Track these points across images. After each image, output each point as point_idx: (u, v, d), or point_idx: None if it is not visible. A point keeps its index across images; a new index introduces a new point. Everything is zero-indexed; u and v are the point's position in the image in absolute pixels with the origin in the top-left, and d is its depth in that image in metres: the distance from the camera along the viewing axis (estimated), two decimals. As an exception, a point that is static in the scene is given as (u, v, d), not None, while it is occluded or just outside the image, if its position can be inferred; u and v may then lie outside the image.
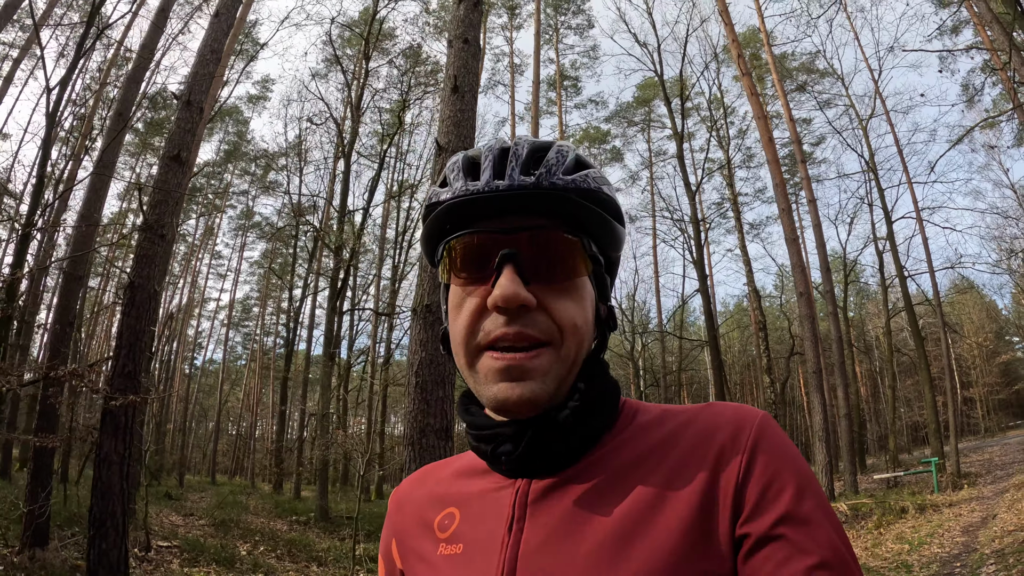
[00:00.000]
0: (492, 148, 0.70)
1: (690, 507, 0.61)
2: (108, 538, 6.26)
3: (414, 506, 0.79)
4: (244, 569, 9.81)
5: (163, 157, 7.93)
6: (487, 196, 0.66)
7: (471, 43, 6.44)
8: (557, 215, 0.67)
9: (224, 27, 9.03)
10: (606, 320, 0.74)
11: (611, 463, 0.67)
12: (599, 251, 0.71)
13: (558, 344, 0.66)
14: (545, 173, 0.66)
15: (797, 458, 0.64)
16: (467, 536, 0.70)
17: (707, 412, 0.68)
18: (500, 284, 0.64)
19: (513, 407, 0.65)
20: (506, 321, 0.65)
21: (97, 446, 6.70)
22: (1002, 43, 12.16)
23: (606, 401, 0.71)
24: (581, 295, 0.68)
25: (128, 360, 6.91)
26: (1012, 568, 6.56)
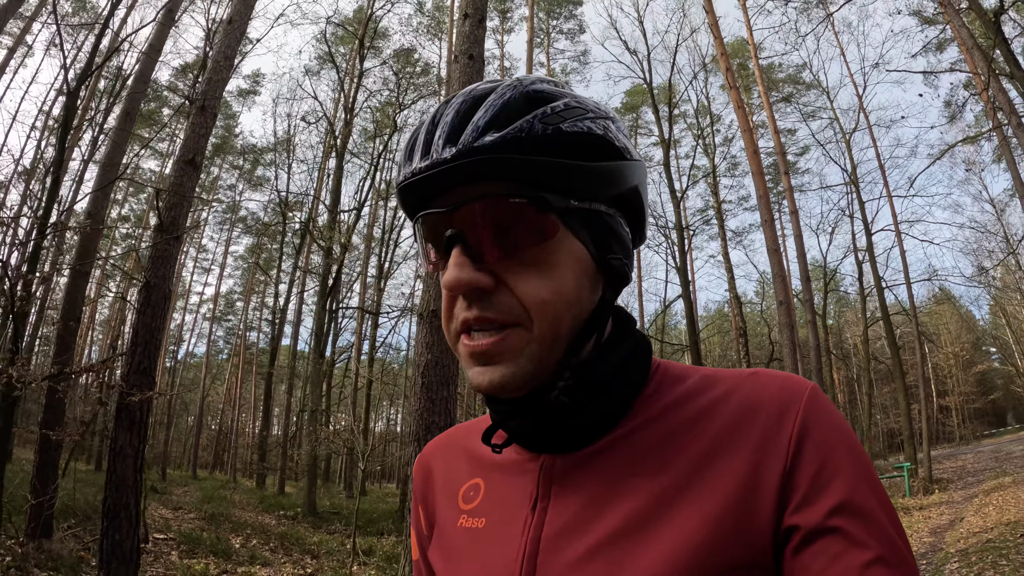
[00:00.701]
0: (429, 115, 0.65)
1: (726, 492, 0.57)
2: (121, 529, 6.42)
3: (439, 472, 0.79)
4: (241, 560, 10.17)
5: (178, 161, 8.19)
6: (414, 181, 0.61)
7: (476, 59, 6.64)
8: (498, 178, 0.60)
9: (237, 34, 9.34)
10: (610, 275, 0.66)
11: (642, 437, 0.63)
12: (580, 199, 0.62)
13: (527, 324, 0.60)
14: (469, 137, 0.59)
15: (851, 439, 0.59)
16: (490, 511, 0.69)
17: (751, 381, 0.63)
18: (447, 269, 0.60)
19: (487, 392, 0.62)
20: (466, 306, 0.61)
21: (112, 440, 6.88)
22: (982, 68, 12.78)
23: (622, 371, 0.65)
24: (551, 262, 0.61)
25: (144, 357, 7.15)
26: (973, 566, 7.13)
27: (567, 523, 0.61)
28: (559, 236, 0.61)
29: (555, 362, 0.62)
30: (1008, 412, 55.32)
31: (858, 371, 39.15)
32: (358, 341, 26.98)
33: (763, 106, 22.42)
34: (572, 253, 0.62)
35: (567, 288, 0.61)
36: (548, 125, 0.59)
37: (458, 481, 0.74)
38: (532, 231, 0.60)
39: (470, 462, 0.75)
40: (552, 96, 0.62)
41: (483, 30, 7.23)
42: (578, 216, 0.63)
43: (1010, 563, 6.98)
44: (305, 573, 9.86)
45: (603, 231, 0.65)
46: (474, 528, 0.68)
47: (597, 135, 0.62)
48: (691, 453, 0.60)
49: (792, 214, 18.82)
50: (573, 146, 0.60)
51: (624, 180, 0.65)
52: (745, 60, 24.95)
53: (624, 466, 0.62)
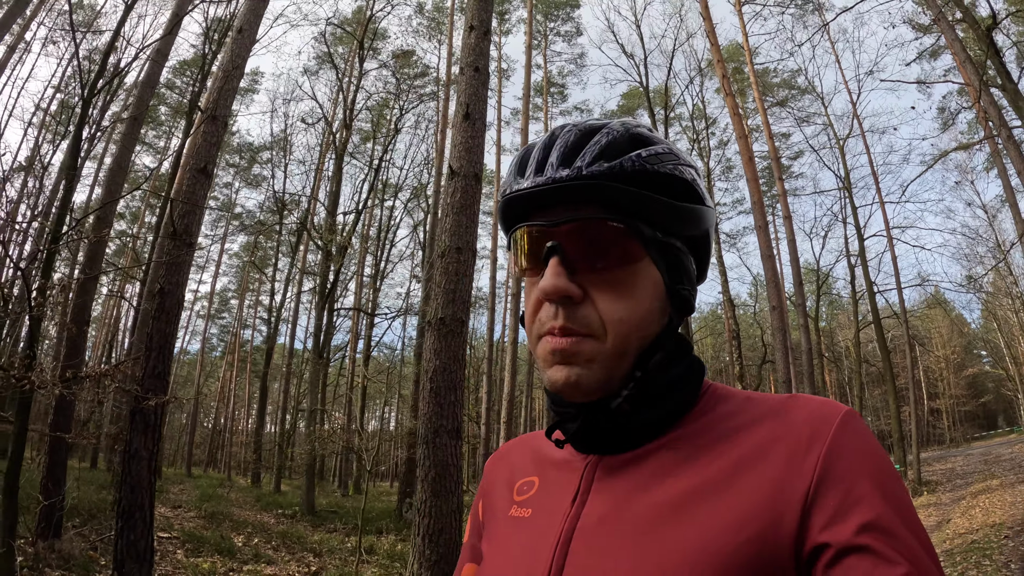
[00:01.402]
0: (541, 141, 0.73)
1: (752, 501, 0.60)
2: (136, 529, 6.50)
3: (505, 468, 0.85)
4: (245, 559, 10.33)
5: (191, 169, 8.36)
6: (527, 193, 0.69)
7: (481, 71, 6.89)
8: (601, 203, 0.68)
9: (247, 43, 9.53)
10: (678, 303, 0.73)
11: (683, 446, 0.68)
12: (663, 233, 0.71)
13: (601, 336, 0.66)
14: (584, 160, 0.67)
15: (882, 460, 0.62)
16: (538, 503, 0.74)
17: (789, 404, 0.67)
18: (544, 276, 0.67)
19: (562, 389, 0.67)
20: (554, 313, 0.67)
21: (127, 442, 6.97)
22: (974, 79, 13.13)
23: (676, 387, 0.71)
24: (632, 284, 0.68)
25: (158, 361, 7.34)
26: (957, 565, 7.49)
27: (602, 515, 0.66)
28: (643, 262, 0.69)
29: (621, 375, 0.68)
30: (999, 415, 56.07)
31: (849, 373, 39.58)
32: (353, 340, 27.25)
33: (757, 110, 22.82)
34: (650, 279, 0.69)
35: (642, 310, 0.68)
36: (648, 164, 0.68)
37: (518, 476, 0.81)
38: (622, 254, 0.68)
39: (532, 460, 0.81)
40: (652, 140, 0.71)
41: (488, 42, 7.30)
42: (659, 247, 0.70)
43: (992, 563, 7.34)
44: (310, 571, 10.05)
45: (677, 264, 0.72)
46: (521, 517, 0.74)
47: (686, 180, 0.71)
48: (725, 462, 0.64)
49: (786, 219, 19.20)
50: (665, 186, 0.69)
51: (700, 223, 0.73)
52: (740, 64, 25.30)
53: (661, 468, 0.67)
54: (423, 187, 25.06)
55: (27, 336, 6.67)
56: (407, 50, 24.51)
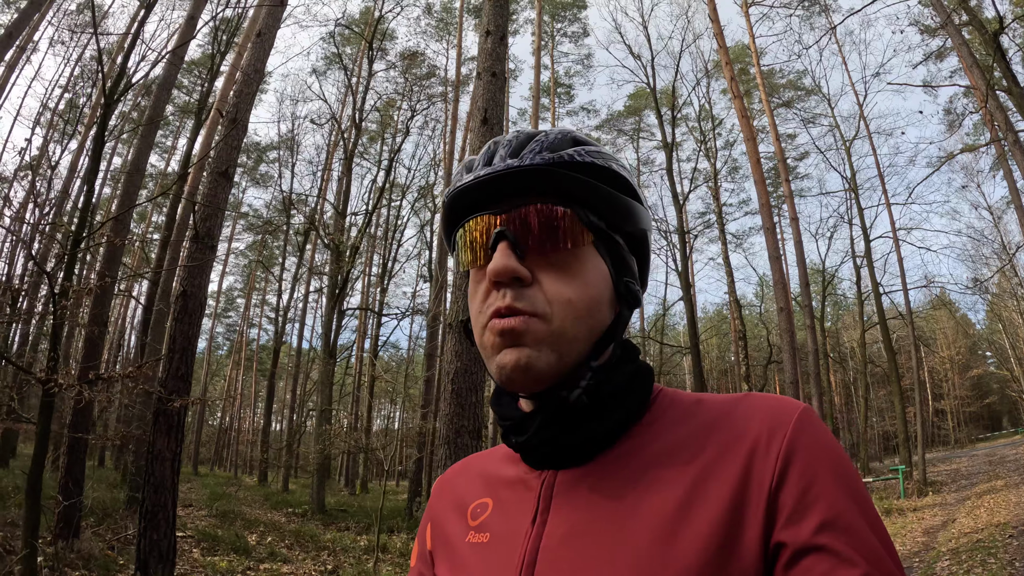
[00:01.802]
0: (488, 144, 0.75)
1: (716, 509, 0.59)
2: (159, 529, 6.71)
3: (453, 493, 0.83)
4: (261, 557, 10.44)
5: (212, 172, 8.53)
6: (475, 183, 0.71)
7: (499, 76, 6.88)
8: (547, 191, 0.69)
9: (266, 47, 9.68)
10: (626, 297, 0.73)
11: (639, 455, 0.67)
12: (606, 224, 0.72)
13: (549, 317, 0.66)
14: (530, 154, 0.70)
15: (840, 457, 0.62)
16: (495, 526, 0.72)
17: (744, 404, 0.67)
18: (493, 260, 0.67)
19: (512, 374, 0.66)
20: (501, 296, 0.67)
21: (150, 443, 7.12)
22: (980, 83, 13.31)
23: (633, 387, 0.71)
24: (579, 268, 0.69)
25: (181, 363, 7.52)
26: (963, 563, 7.68)
27: (565, 534, 0.65)
28: (588, 249, 0.70)
29: (573, 362, 0.67)
30: (1003, 416, 56.20)
31: (855, 374, 39.72)
32: (360, 339, 27.45)
33: (764, 111, 22.98)
34: (596, 266, 0.70)
35: (590, 294, 0.68)
36: (591, 157, 0.71)
37: (469, 500, 0.79)
38: (569, 238, 0.68)
39: (482, 482, 0.79)
40: (590, 141, 0.74)
41: (505, 47, 7.31)
42: (605, 239, 0.72)
43: (997, 561, 7.53)
44: (326, 570, 10.24)
45: (620, 258, 0.73)
46: (480, 543, 0.72)
47: (621, 174, 0.73)
48: (685, 472, 0.63)
49: (792, 220, 19.38)
50: (604, 179, 0.72)
51: (637, 220, 0.74)
52: (746, 65, 25.48)
53: (621, 481, 0.65)
54: (430, 187, 25.31)
55: (51, 338, 6.76)
56: (414, 51, 24.72)
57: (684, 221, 23.15)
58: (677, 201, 22.03)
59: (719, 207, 25.09)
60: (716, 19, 18.65)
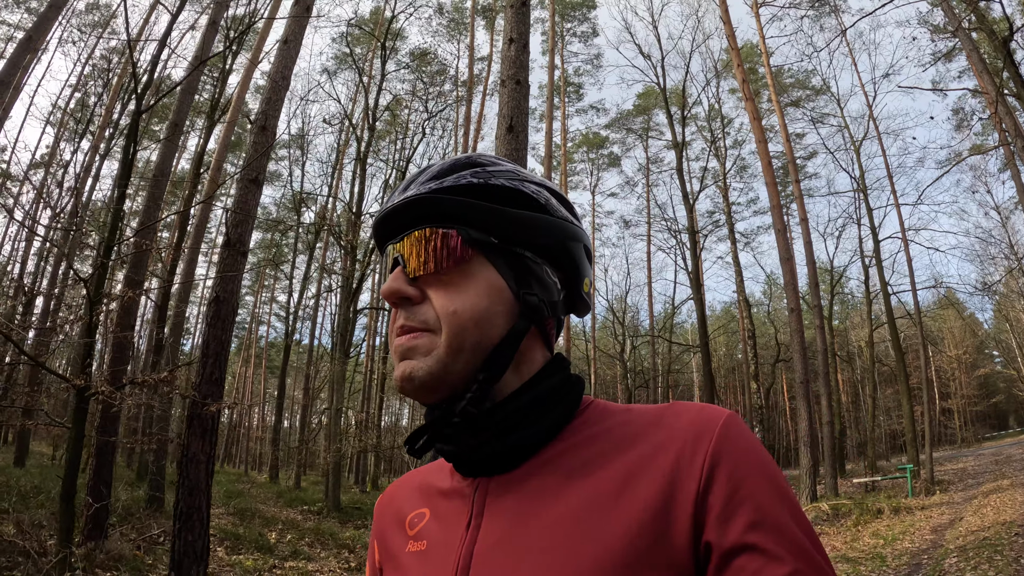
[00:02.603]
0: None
1: (643, 512, 0.61)
2: (194, 530, 6.87)
3: (393, 508, 0.85)
4: (284, 555, 10.76)
5: (242, 179, 8.66)
6: (377, 221, 0.78)
7: (523, 84, 6.96)
8: (431, 216, 0.74)
9: (293, 54, 9.85)
10: (527, 310, 0.74)
11: (567, 460, 0.70)
12: (498, 237, 0.74)
13: (437, 330, 0.70)
14: (416, 185, 0.76)
15: (765, 460, 0.64)
16: (431, 534, 0.75)
17: (670, 412, 0.69)
18: (385, 283, 0.74)
19: (400, 383, 0.70)
20: (396, 315, 0.74)
21: (184, 446, 7.30)
22: (989, 88, 13.60)
23: (555, 395, 0.74)
24: (464, 283, 0.72)
25: (215, 368, 7.72)
26: (971, 560, 8.01)
27: (498, 538, 0.67)
28: (477, 264, 0.73)
29: (462, 373, 0.69)
30: (1010, 415, 56.51)
31: (862, 373, 40.00)
32: (370, 337, 27.83)
33: (772, 110, 23.27)
34: (487, 280, 0.72)
35: (477, 306, 0.70)
36: (474, 179, 0.75)
37: (407, 512, 0.81)
38: (452, 256, 0.71)
39: (420, 495, 0.82)
40: (489, 163, 0.78)
41: (527, 55, 7.34)
42: (501, 254, 0.74)
43: (1004, 558, 7.85)
44: (349, 567, 10.50)
45: (524, 271, 0.75)
46: (418, 551, 0.75)
47: (522, 192, 0.76)
48: (613, 474, 0.65)
49: (802, 221, 19.67)
50: (498, 197, 0.75)
51: (544, 232, 0.76)
52: (755, 64, 25.77)
53: (550, 486, 0.68)
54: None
55: (85, 345, 7.03)
56: (425, 49, 25.05)
57: (694, 221, 23.47)
58: (687, 201, 22.37)
59: (728, 207, 25.41)
60: (728, 21, 18.96)
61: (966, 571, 7.62)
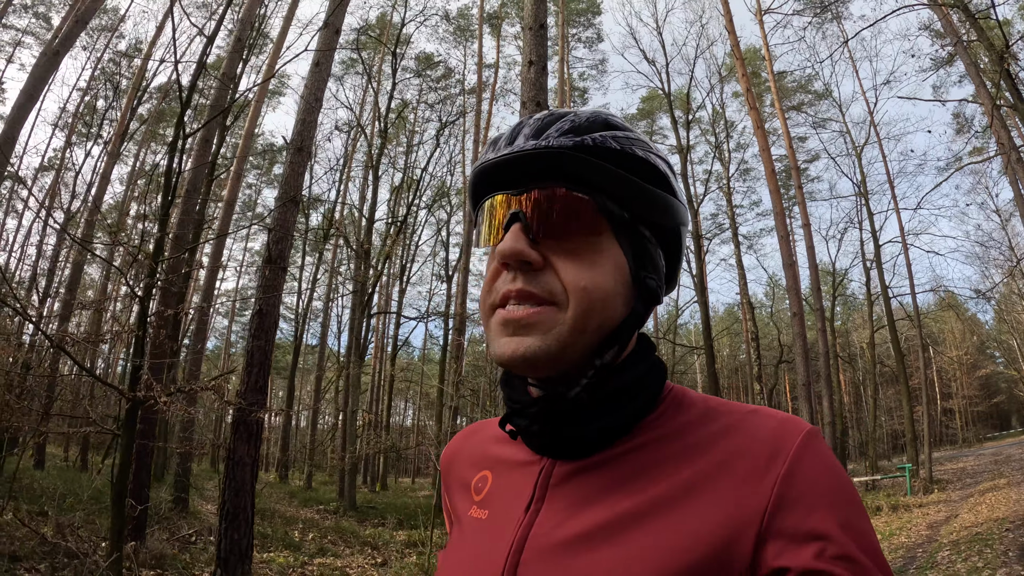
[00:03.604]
0: (519, 121, 0.74)
1: (708, 518, 0.60)
2: (239, 529, 7.28)
3: (459, 464, 0.86)
4: (311, 552, 11.22)
5: (280, 198, 9.26)
6: (493, 164, 0.71)
7: (542, 106, 7.23)
8: (566, 175, 0.68)
9: (324, 75, 10.31)
10: (644, 293, 0.71)
11: (641, 456, 0.68)
12: (629, 214, 0.70)
13: (563, 305, 0.65)
14: (554, 134, 0.69)
15: (844, 483, 0.61)
16: (494, 504, 0.75)
17: (752, 419, 0.67)
18: (503, 240, 0.67)
19: (510, 362, 0.66)
20: (512, 279, 0.67)
21: (231, 450, 7.74)
22: (986, 100, 14.37)
23: (642, 386, 0.71)
24: (595, 257, 0.68)
25: (259, 376, 8.27)
26: (962, 553, 8.75)
27: (555, 525, 0.67)
28: (606, 237, 0.69)
29: (579, 355, 0.67)
30: (1012, 415, 57.33)
31: (864, 374, 40.76)
32: (378, 339, 28.58)
33: (776, 115, 23.97)
34: (614, 257, 0.69)
35: (605, 284, 0.67)
36: (615, 142, 0.70)
37: (472, 472, 0.83)
38: (585, 225, 0.68)
39: (484, 454, 0.83)
40: (623, 126, 0.73)
41: (546, 77, 7.80)
42: (625, 229, 0.71)
43: (993, 551, 8.59)
44: (375, 563, 10.89)
45: (643, 252, 0.72)
46: (479, 519, 0.76)
47: (655, 165, 0.72)
48: (682, 476, 0.64)
49: (805, 226, 20.42)
50: (634, 168, 0.70)
51: (669, 214, 0.73)
52: (758, 68, 26.49)
53: (618, 480, 0.67)
54: (446, 189, 26.41)
55: (136, 356, 7.53)
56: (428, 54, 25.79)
57: (698, 225, 24.21)
58: (692, 205, 23.13)
59: (731, 210, 26.17)
60: (732, 31, 19.69)
61: (957, 563, 8.37)
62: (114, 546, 6.15)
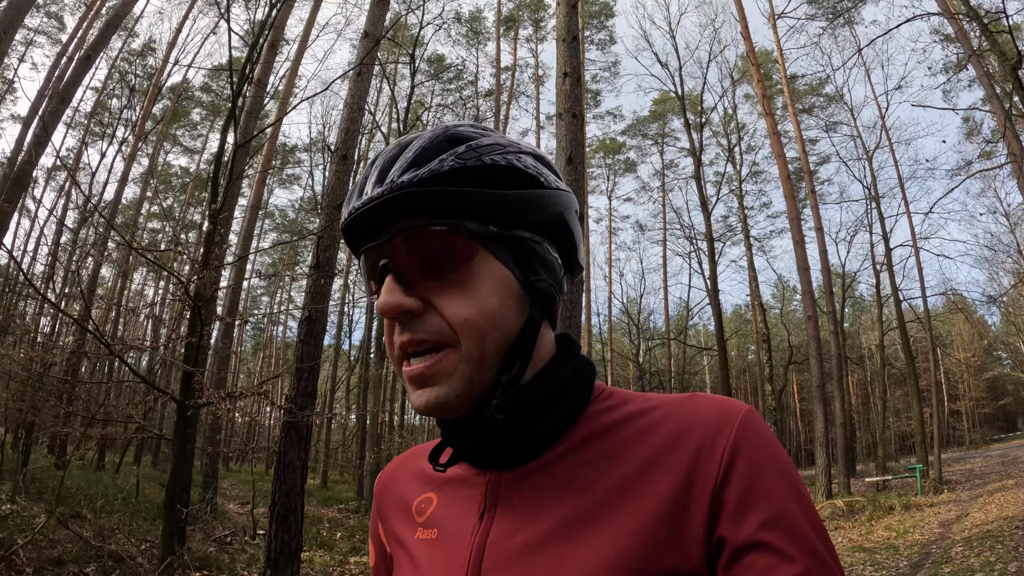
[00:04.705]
0: (368, 164, 0.73)
1: (659, 503, 0.62)
2: (290, 530, 7.48)
3: (396, 489, 0.86)
4: (345, 551, 11.63)
5: (328, 207, 9.69)
6: (350, 220, 0.70)
7: (578, 117, 7.60)
8: (420, 211, 0.67)
9: (365, 85, 10.68)
10: (537, 297, 0.71)
11: (583, 452, 0.70)
12: (497, 226, 0.70)
13: (456, 344, 0.66)
14: (396, 172, 0.67)
15: (782, 457, 0.65)
16: (441, 522, 0.75)
17: (689, 404, 0.69)
18: (380, 296, 0.67)
19: (425, 413, 0.68)
20: (400, 330, 0.68)
21: (281, 453, 7.94)
22: (1000, 116, 15.01)
23: (564, 389, 0.73)
24: (471, 283, 0.68)
25: (308, 381, 8.54)
26: (975, 549, 9.35)
27: (512, 529, 0.68)
28: (479, 259, 0.69)
29: (488, 380, 0.68)
30: (1018, 417, 57.83)
31: (872, 375, 41.37)
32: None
33: (788, 117, 24.55)
34: (494, 275, 0.69)
35: (491, 307, 0.67)
36: (463, 160, 0.68)
37: (412, 496, 0.82)
38: (453, 255, 0.67)
39: (421, 478, 0.82)
40: (472, 136, 0.71)
41: (582, 88, 7.99)
42: (500, 241, 0.70)
43: (1004, 546, 9.21)
44: None
45: (526, 255, 0.72)
46: (429, 539, 0.75)
47: (514, 167, 0.70)
48: (629, 466, 0.66)
49: (817, 230, 21.08)
50: (487, 178, 0.69)
51: (543, 208, 0.73)
52: (770, 71, 27.14)
53: (565, 478, 0.68)
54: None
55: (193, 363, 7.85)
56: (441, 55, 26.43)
57: (710, 227, 24.81)
58: (705, 208, 23.73)
59: (743, 212, 26.84)
60: (748, 36, 20.37)
61: (970, 557, 9.00)
62: (167, 549, 6.36)
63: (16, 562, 6.41)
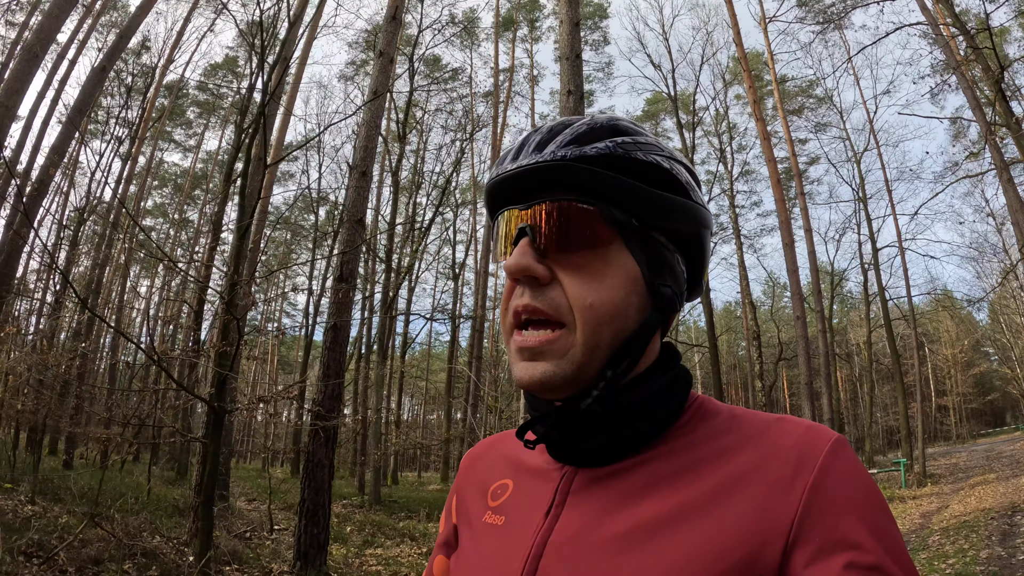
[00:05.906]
0: (521, 133, 0.76)
1: (734, 526, 0.61)
2: (318, 524, 8.02)
3: (479, 469, 0.89)
4: (360, 544, 12.01)
5: (348, 221, 10.19)
6: (499, 180, 0.74)
7: None
8: (571, 186, 0.70)
9: (381, 104, 11.21)
10: (659, 301, 0.73)
11: (664, 464, 0.69)
12: (639, 221, 0.71)
13: (571, 325, 0.68)
14: (554, 147, 0.71)
15: (872, 492, 0.62)
16: (511, 511, 0.77)
17: (777, 428, 0.68)
18: (511, 256, 0.70)
19: (527, 387, 0.70)
20: (521, 293, 0.70)
21: (309, 453, 8.49)
22: (982, 124, 15.90)
23: (664, 396, 0.73)
24: (602, 269, 0.70)
25: (335, 385, 9.06)
26: (951, 538, 10.10)
27: (575, 531, 0.68)
28: (615, 248, 0.71)
29: (595, 371, 0.69)
30: (1006, 412, 58.79)
31: (860, 371, 42.51)
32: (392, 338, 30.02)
33: (778, 117, 25.38)
34: (624, 268, 0.71)
35: (615, 299, 0.69)
36: (622, 149, 0.71)
37: (492, 479, 0.84)
38: (591, 237, 0.69)
39: (506, 463, 0.85)
40: (632, 131, 0.74)
41: (583, 105, 8.14)
42: (637, 237, 0.72)
43: (978, 536, 9.91)
44: (422, 552, 11.65)
45: (658, 258, 0.73)
46: (494, 524, 0.77)
47: (666, 169, 0.73)
48: (706, 485, 0.65)
49: (806, 231, 21.98)
50: (642, 173, 0.72)
51: (684, 218, 0.74)
52: (760, 72, 28.04)
53: (640, 486, 0.68)
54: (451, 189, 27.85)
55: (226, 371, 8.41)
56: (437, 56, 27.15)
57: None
58: (696, 207, 24.51)
59: (734, 211, 27.74)
60: (740, 43, 21.23)
61: (945, 545, 9.73)
62: (204, 546, 6.68)
63: (58, 561, 6.62)
